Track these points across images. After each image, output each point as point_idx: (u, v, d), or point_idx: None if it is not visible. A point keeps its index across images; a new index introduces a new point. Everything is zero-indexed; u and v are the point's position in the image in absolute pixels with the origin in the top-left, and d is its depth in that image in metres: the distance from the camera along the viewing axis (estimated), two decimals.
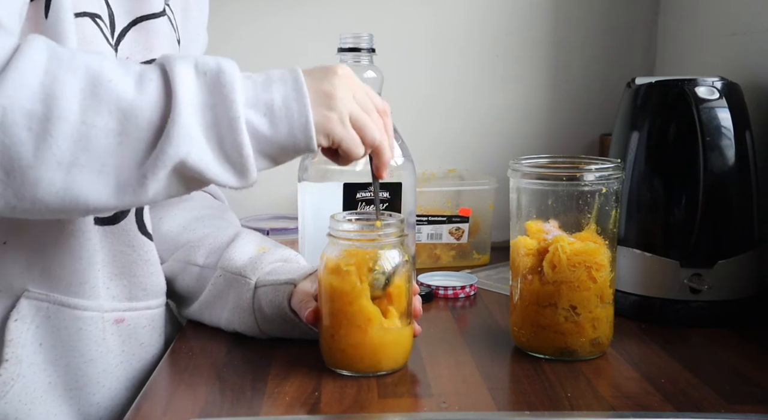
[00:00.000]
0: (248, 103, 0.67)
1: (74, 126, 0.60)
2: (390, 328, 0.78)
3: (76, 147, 0.61)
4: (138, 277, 0.84)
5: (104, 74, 0.62)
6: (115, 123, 0.62)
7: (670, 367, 0.81)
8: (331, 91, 0.70)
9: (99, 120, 0.61)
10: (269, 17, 1.38)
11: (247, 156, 0.66)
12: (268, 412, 0.71)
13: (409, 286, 0.81)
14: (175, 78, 0.64)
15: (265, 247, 0.94)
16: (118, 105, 0.62)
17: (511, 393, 0.76)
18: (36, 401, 0.76)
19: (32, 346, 0.76)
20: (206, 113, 0.65)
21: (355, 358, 0.78)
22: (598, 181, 0.82)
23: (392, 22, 1.39)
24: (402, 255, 0.80)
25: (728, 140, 0.92)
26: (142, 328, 0.86)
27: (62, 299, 0.77)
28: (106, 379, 0.82)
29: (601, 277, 0.82)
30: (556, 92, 1.43)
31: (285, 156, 0.70)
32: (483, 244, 1.27)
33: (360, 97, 0.73)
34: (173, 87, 0.64)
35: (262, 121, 0.67)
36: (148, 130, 0.63)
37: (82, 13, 0.74)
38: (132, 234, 0.83)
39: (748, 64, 1.09)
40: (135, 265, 0.84)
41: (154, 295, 0.87)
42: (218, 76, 0.66)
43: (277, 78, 0.69)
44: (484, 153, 1.42)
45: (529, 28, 1.41)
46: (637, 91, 0.99)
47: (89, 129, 0.61)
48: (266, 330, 0.88)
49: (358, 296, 0.77)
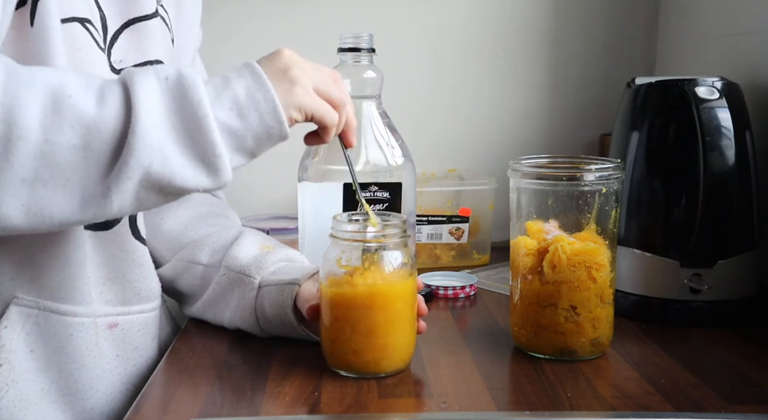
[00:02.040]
0: (213, 102, 0.67)
1: (36, 145, 0.61)
2: (394, 331, 0.78)
3: (40, 164, 0.61)
4: (132, 282, 0.84)
5: (65, 90, 0.62)
6: (77, 139, 0.62)
7: (670, 367, 0.81)
8: (287, 67, 0.72)
9: (61, 137, 0.61)
10: (268, 17, 1.38)
11: (221, 154, 0.66)
12: (268, 412, 0.72)
13: (413, 287, 0.81)
14: (135, 88, 0.64)
15: (269, 246, 0.94)
16: (80, 120, 0.62)
17: (511, 393, 0.76)
18: (30, 407, 0.76)
19: (23, 352, 0.75)
20: (172, 117, 0.65)
21: (359, 360, 0.78)
22: (598, 181, 0.82)
23: (392, 22, 1.39)
24: (404, 256, 0.80)
25: (728, 140, 0.92)
26: (136, 332, 0.86)
27: (52, 306, 0.76)
28: (100, 384, 0.81)
29: (601, 277, 0.82)
30: (556, 92, 1.43)
31: (260, 147, 0.70)
32: (483, 244, 1.27)
33: (312, 69, 0.74)
34: (133, 98, 0.64)
35: (230, 115, 0.67)
36: (110, 142, 0.63)
37: (70, 18, 0.74)
38: (125, 239, 0.83)
39: (748, 64, 1.09)
40: (128, 269, 0.84)
41: (147, 299, 0.87)
42: (179, 79, 0.66)
43: (234, 75, 0.70)
44: (484, 153, 1.42)
45: (529, 28, 1.41)
46: (637, 91, 0.99)
47: (52, 146, 0.61)
48: (267, 329, 0.88)
49: (361, 300, 0.77)
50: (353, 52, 0.99)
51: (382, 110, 1.01)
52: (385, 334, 0.78)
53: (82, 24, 0.75)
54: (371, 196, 0.99)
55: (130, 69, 0.67)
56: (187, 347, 0.88)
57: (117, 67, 0.82)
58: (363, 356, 0.78)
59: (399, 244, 0.79)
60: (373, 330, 0.77)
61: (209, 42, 1.12)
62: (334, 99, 0.75)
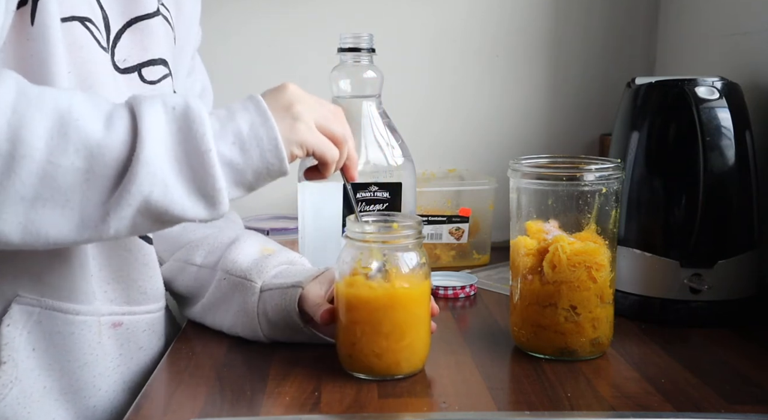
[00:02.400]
0: (217, 135, 0.67)
1: (40, 165, 0.61)
2: (414, 331, 0.78)
3: (41, 183, 0.61)
4: (137, 281, 0.84)
5: (72, 113, 0.63)
6: (81, 161, 0.62)
7: (670, 367, 0.81)
8: (291, 103, 0.72)
9: (65, 159, 0.62)
10: (269, 17, 1.38)
11: (220, 189, 0.67)
12: (268, 412, 0.72)
13: (429, 287, 0.81)
14: (142, 116, 0.65)
15: (269, 249, 0.93)
16: (85, 144, 0.62)
17: (511, 393, 0.76)
18: (33, 405, 0.76)
19: (25, 350, 0.75)
20: (176, 149, 0.66)
21: (381, 362, 0.77)
22: (598, 181, 0.82)
23: (392, 22, 1.39)
24: (420, 256, 0.79)
25: (728, 140, 0.92)
26: (141, 332, 0.86)
27: (54, 304, 0.76)
28: (103, 383, 0.81)
29: (601, 277, 0.82)
30: (556, 92, 1.43)
31: (259, 181, 0.71)
32: (483, 244, 1.27)
33: (314, 105, 0.74)
34: (139, 125, 0.64)
35: (233, 150, 0.68)
36: (114, 168, 0.63)
37: (70, 17, 0.74)
38: (130, 238, 0.83)
39: (748, 64, 1.09)
40: (133, 268, 0.84)
41: (154, 299, 0.87)
42: (186, 111, 0.67)
43: (240, 107, 0.70)
44: (484, 153, 1.42)
45: (529, 28, 1.41)
46: (637, 91, 0.99)
47: (55, 168, 0.62)
48: (269, 335, 0.87)
49: (382, 301, 0.77)
50: (353, 52, 0.99)
51: (382, 110, 1.01)
52: (406, 335, 0.77)
53: (83, 23, 0.75)
54: (371, 196, 0.99)
55: (137, 95, 0.68)
56: (187, 347, 0.88)
57: (121, 66, 0.82)
58: (385, 358, 0.77)
59: (416, 244, 0.79)
60: (394, 331, 0.77)
61: (209, 42, 1.12)
62: (336, 135, 0.76)
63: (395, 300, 0.77)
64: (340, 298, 0.79)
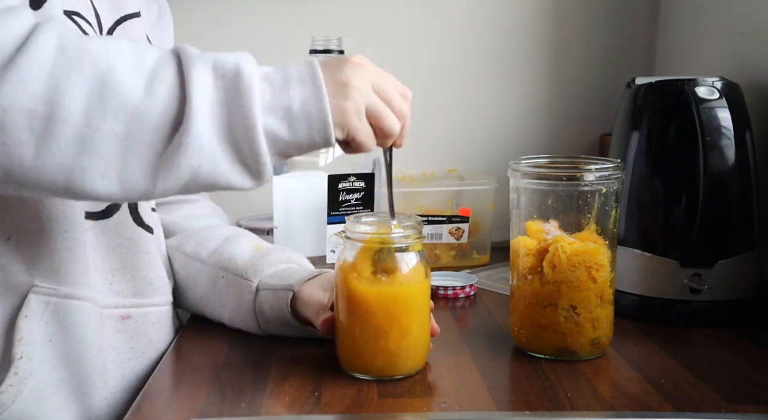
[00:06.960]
0: (266, 107, 0.65)
1: (77, 129, 0.60)
2: (415, 330, 0.78)
3: (79, 150, 0.60)
4: (141, 271, 0.84)
5: (114, 74, 0.61)
6: (120, 127, 0.61)
7: (670, 367, 0.81)
8: (347, 80, 0.68)
9: (104, 124, 0.60)
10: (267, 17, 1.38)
11: (265, 162, 0.65)
12: (268, 412, 0.72)
13: (429, 286, 0.81)
14: (191, 82, 0.63)
15: (261, 247, 0.94)
16: (124, 108, 0.61)
17: (511, 393, 0.76)
18: (48, 398, 0.76)
19: (42, 342, 0.75)
20: (223, 119, 0.64)
21: (380, 362, 0.77)
22: (598, 181, 0.82)
23: (392, 22, 1.39)
24: (420, 257, 0.79)
25: (728, 140, 0.92)
26: (150, 325, 0.86)
27: (69, 292, 0.76)
28: (116, 376, 0.81)
29: (601, 277, 0.82)
30: (557, 92, 1.43)
31: (300, 153, 0.69)
32: (483, 244, 1.27)
33: (379, 83, 0.70)
34: (188, 93, 0.62)
35: (281, 126, 0.66)
36: (156, 134, 0.62)
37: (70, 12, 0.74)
38: (128, 227, 0.83)
39: (748, 64, 1.09)
40: (135, 258, 0.83)
41: (161, 291, 0.87)
42: (236, 80, 0.64)
43: (296, 76, 0.67)
44: (484, 153, 1.42)
45: (529, 28, 1.41)
46: (637, 91, 0.99)
47: (93, 132, 0.60)
48: (268, 330, 0.89)
49: (383, 301, 0.77)
50: (324, 54, 1.06)
51: None
52: (406, 335, 0.77)
53: (70, 17, 0.76)
54: (350, 186, 1.08)
55: (187, 51, 0.65)
56: (187, 347, 0.88)
57: None
58: (385, 358, 0.77)
59: (416, 244, 0.79)
60: (394, 331, 0.77)
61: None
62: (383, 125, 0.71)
63: (395, 300, 0.77)
64: (340, 298, 0.79)
